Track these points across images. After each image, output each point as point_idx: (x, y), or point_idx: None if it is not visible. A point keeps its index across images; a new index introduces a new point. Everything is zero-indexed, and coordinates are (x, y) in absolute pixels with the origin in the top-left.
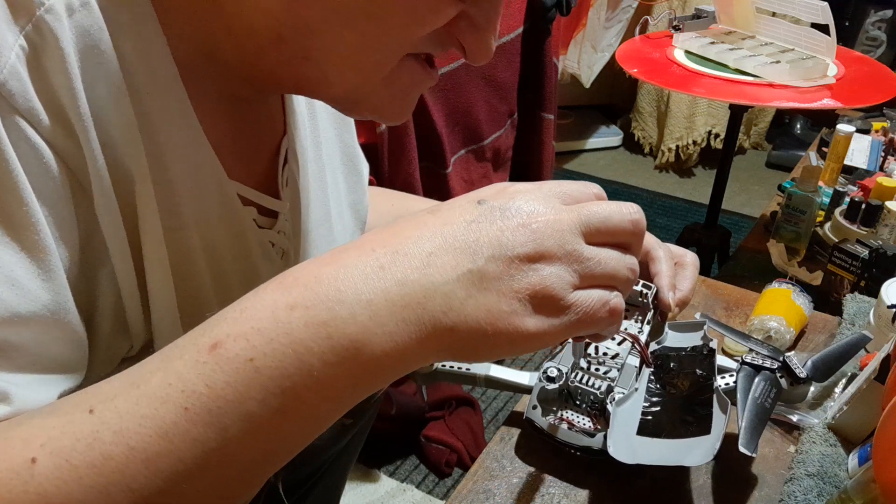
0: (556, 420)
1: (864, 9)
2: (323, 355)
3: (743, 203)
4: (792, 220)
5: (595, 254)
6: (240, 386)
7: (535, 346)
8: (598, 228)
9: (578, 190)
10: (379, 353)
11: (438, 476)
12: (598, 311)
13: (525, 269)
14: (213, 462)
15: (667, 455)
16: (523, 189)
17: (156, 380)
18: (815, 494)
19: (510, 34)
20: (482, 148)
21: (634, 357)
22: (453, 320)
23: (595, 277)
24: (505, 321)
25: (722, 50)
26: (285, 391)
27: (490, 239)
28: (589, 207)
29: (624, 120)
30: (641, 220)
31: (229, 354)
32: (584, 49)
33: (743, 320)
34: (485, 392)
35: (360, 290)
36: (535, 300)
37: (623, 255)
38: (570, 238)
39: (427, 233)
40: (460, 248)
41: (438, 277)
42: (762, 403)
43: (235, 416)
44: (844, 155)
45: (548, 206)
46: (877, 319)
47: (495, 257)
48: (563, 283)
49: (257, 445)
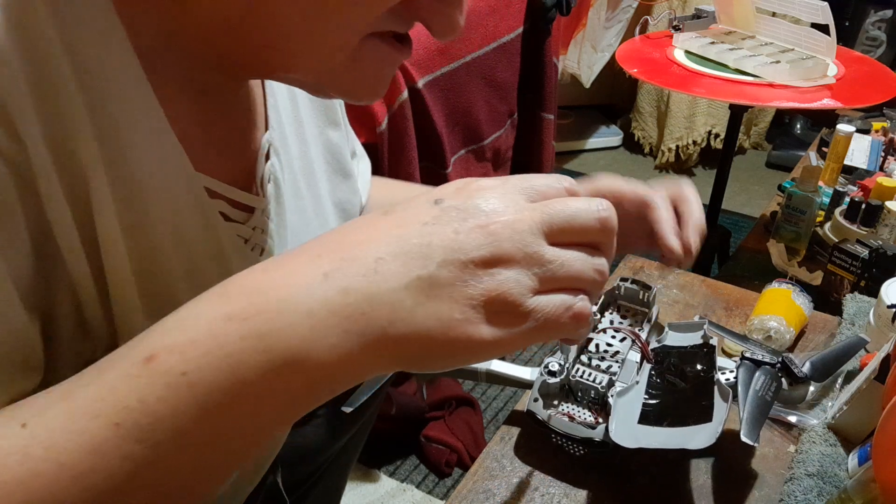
0: (558, 413)
1: (864, 9)
2: (259, 369)
3: (743, 203)
4: (792, 220)
5: (557, 256)
6: (172, 401)
7: (494, 354)
8: (561, 228)
9: (547, 185)
10: (320, 366)
11: (438, 476)
12: (561, 316)
13: (480, 273)
14: (147, 478)
15: (669, 440)
16: (486, 186)
17: (89, 393)
18: (815, 494)
19: (510, 34)
20: (482, 148)
21: (635, 353)
22: (401, 330)
23: (558, 280)
24: (458, 330)
25: (722, 50)
26: (221, 406)
27: (444, 242)
28: (553, 205)
29: (624, 120)
30: (611, 218)
31: (163, 368)
32: (584, 49)
33: (743, 320)
34: (485, 392)
35: (300, 299)
36: (492, 307)
37: (590, 255)
38: (530, 239)
39: (377, 237)
40: (411, 252)
41: (385, 285)
42: (763, 396)
43: (168, 431)
44: (844, 155)
45: (509, 204)
46: (877, 319)
47: (448, 262)
48: (521, 287)
49: (193, 461)
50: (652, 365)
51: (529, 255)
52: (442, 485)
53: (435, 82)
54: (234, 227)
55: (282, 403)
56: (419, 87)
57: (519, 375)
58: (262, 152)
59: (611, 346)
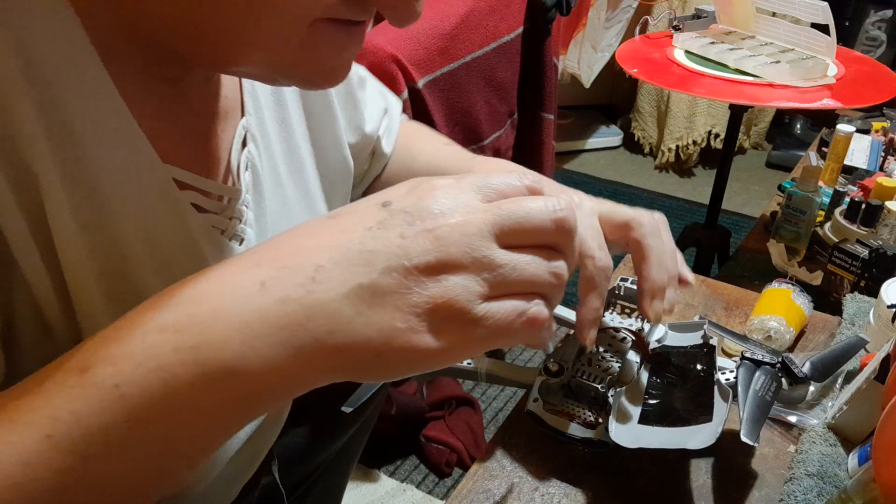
0: (558, 413)
1: (864, 9)
2: (192, 382)
3: (743, 203)
4: (792, 220)
5: (509, 259)
6: (105, 413)
7: (441, 363)
8: (513, 229)
9: (506, 183)
10: (254, 380)
11: (438, 476)
12: (513, 322)
13: (425, 280)
14: (80, 490)
15: (669, 440)
16: (439, 186)
17: (24, 403)
18: (815, 494)
19: (510, 34)
20: (482, 148)
21: (635, 353)
22: (339, 341)
23: (510, 285)
24: (400, 339)
25: (722, 50)
26: (154, 419)
27: (388, 248)
28: (506, 206)
29: (624, 120)
30: (567, 219)
31: (96, 379)
32: (584, 49)
33: (743, 320)
34: (485, 392)
35: (235, 310)
36: (438, 315)
37: (545, 258)
38: (479, 243)
39: (319, 243)
40: (354, 259)
41: (324, 295)
42: (763, 396)
43: (101, 444)
44: (844, 155)
45: (460, 205)
46: (877, 319)
47: (391, 269)
48: (469, 294)
49: (129, 472)
50: (652, 365)
51: (478, 259)
52: (442, 485)
53: (435, 82)
54: (209, 218)
55: (216, 416)
56: (419, 87)
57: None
58: (238, 140)
59: (611, 346)
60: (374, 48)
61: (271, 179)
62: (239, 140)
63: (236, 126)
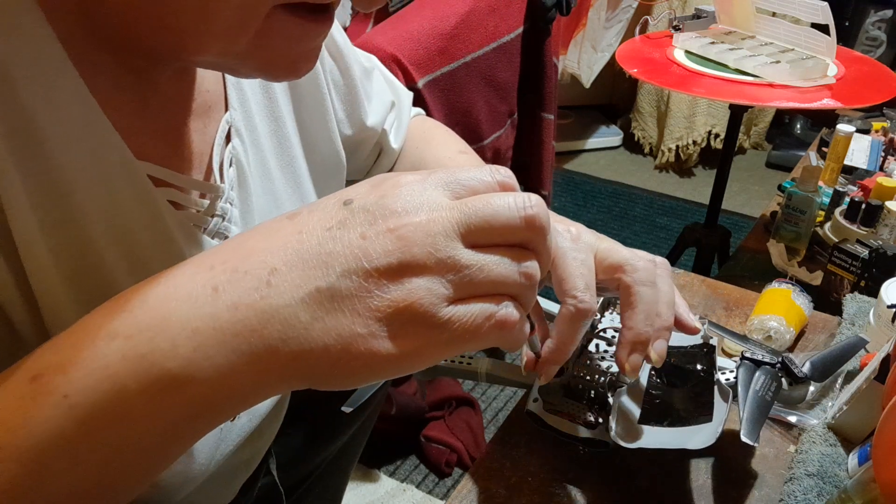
0: (558, 413)
1: (864, 9)
2: (142, 390)
3: (743, 203)
4: (792, 220)
5: (475, 260)
6: (56, 422)
7: (405, 370)
8: (480, 228)
9: (476, 178)
10: (207, 388)
11: (438, 476)
12: (481, 326)
13: (386, 283)
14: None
15: (669, 440)
16: (404, 182)
17: None
18: (815, 494)
19: (510, 34)
20: (482, 148)
21: None
22: (295, 348)
23: (476, 287)
24: (361, 345)
25: (722, 50)
26: (104, 427)
27: (347, 249)
28: (472, 203)
29: (624, 120)
30: (538, 215)
31: (47, 388)
32: (584, 49)
33: (743, 320)
34: (485, 392)
35: (185, 316)
36: (400, 319)
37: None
38: (443, 243)
39: (277, 244)
40: (310, 262)
41: (278, 300)
42: (763, 396)
43: (53, 454)
44: (844, 155)
45: (425, 203)
46: (877, 319)
47: (350, 272)
48: (433, 297)
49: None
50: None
51: (442, 260)
52: (442, 485)
53: (435, 82)
54: (188, 215)
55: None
56: (419, 87)
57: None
58: (222, 135)
59: (611, 346)
60: (374, 48)
61: (259, 175)
62: (222, 135)
63: (219, 121)
